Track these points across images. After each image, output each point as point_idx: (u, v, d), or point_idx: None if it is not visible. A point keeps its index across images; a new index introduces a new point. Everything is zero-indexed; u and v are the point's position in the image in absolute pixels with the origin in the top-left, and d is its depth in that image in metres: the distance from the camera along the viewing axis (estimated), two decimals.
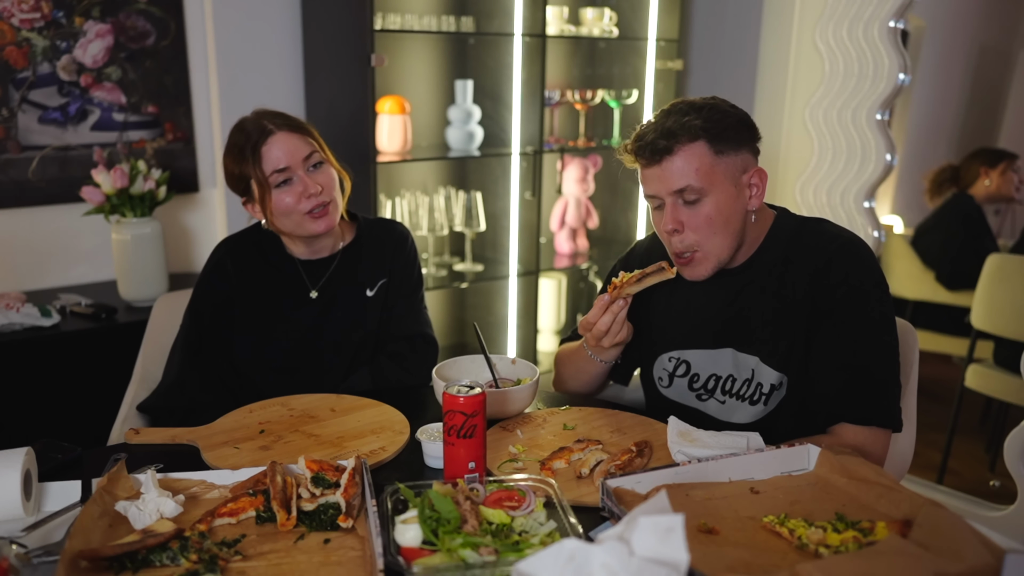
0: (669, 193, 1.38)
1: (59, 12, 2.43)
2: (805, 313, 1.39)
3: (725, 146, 1.36)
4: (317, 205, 1.58)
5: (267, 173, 1.57)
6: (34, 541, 1.03)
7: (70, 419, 2.21)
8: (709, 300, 1.49)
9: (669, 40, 3.09)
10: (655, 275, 1.42)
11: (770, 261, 1.44)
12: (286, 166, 1.56)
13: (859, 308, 1.37)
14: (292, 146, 1.57)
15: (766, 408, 1.44)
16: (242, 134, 1.59)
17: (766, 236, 1.46)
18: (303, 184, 1.57)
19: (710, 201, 1.36)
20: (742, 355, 1.45)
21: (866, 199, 2.92)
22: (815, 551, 0.99)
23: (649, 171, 1.39)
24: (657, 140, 1.36)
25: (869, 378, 1.36)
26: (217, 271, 1.70)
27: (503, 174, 2.93)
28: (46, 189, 2.51)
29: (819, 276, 1.39)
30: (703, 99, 1.40)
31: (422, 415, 1.42)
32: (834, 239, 1.42)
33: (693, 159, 1.35)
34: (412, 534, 0.99)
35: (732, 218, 1.38)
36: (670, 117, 1.37)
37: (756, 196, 1.41)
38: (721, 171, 1.36)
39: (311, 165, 1.59)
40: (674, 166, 1.36)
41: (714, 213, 1.37)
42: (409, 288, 1.74)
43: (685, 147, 1.35)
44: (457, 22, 2.78)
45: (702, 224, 1.37)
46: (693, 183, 1.35)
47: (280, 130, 1.57)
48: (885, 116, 2.84)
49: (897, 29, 2.76)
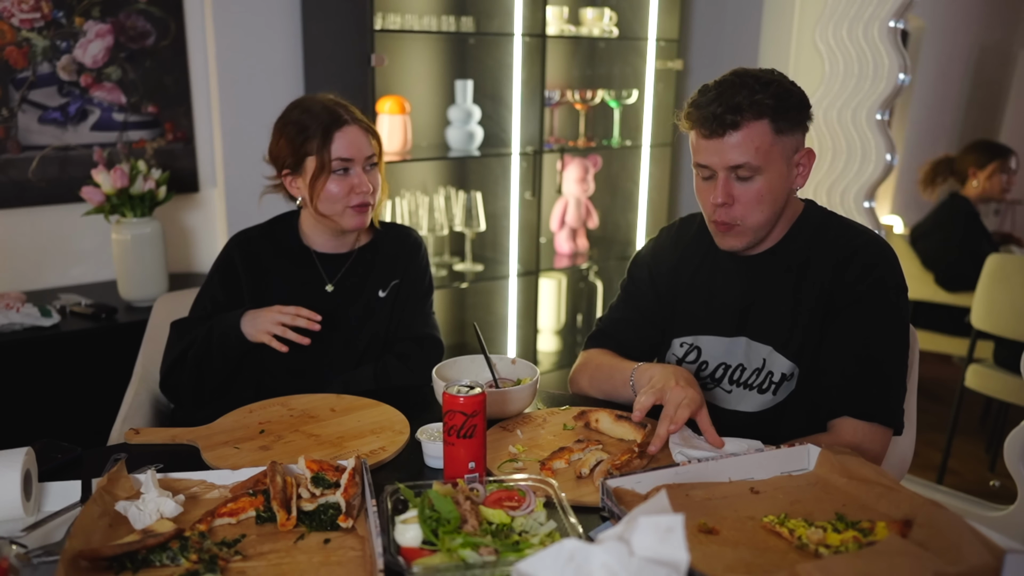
0: (724, 167, 1.36)
1: (59, 12, 2.43)
2: (823, 304, 1.40)
3: (786, 125, 1.35)
4: (363, 203, 1.64)
5: (333, 157, 1.62)
6: (34, 541, 1.03)
7: (70, 419, 2.21)
8: (728, 286, 1.49)
9: (669, 40, 3.09)
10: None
11: (794, 250, 1.45)
12: (351, 157, 1.63)
13: (878, 303, 1.37)
14: (361, 142, 1.64)
15: (775, 398, 1.44)
16: (310, 114, 1.63)
17: (792, 225, 1.46)
18: (358, 179, 1.63)
19: (763, 179, 1.36)
20: (755, 344, 1.46)
21: (866, 199, 2.92)
22: (815, 551, 0.99)
23: (707, 142, 1.36)
24: (724, 114, 1.33)
25: (878, 373, 1.36)
26: (225, 269, 1.72)
27: (503, 174, 2.93)
28: (46, 189, 2.51)
29: (841, 268, 1.39)
30: (764, 72, 1.37)
31: (422, 415, 1.42)
32: (860, 235, 1.43)
33: (755, 137, 1.33)
34: (412, 534, 0.99)
35: (779, 196, 1.39)
36: (739, 91, 1.33)
37: (802, 175, 1.41)
38: (779, 150, 1.35)
39: (369, 164, 1.66)
40: (736, 141, 1.34)
41: (765, 191, 1.36)
42: (420, 293, 1.78)
43: (750, 124, 1.33)
44: (457, 22, 2.78)
45: (752, 200, 1.37)
46: (752, 161, 1.34)
47: (356, 124, 1.65)
48: (885, 116, 2.84)
49: (897, 29, 2.76)
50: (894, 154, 2.85)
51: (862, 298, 1.37)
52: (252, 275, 1.70)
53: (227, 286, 1.70)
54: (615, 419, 1.39)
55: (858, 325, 1.37)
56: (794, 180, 1.40)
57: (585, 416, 1.42)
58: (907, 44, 4.09)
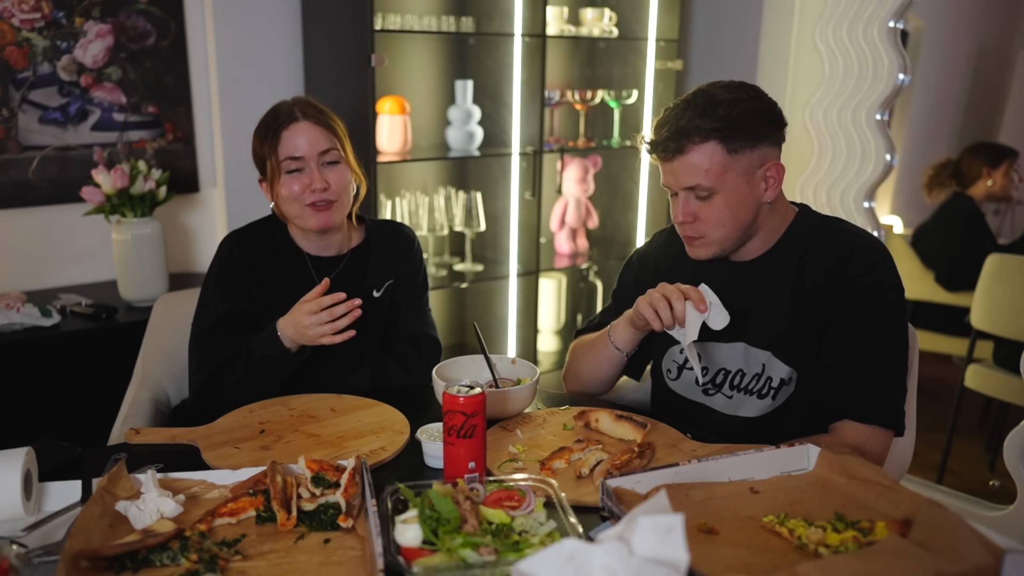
0: (681, 188, 1.40)
1: (59, 12, 2.43)
2: (820, 308, 1.40)
3: (740, 144, 1.35)
4: (320, 200, 1.59)
5: (281, 158, 1.59)
6: (34, 541, 1.03)
7: (70, 419, 2.21)
8: (726, 292, 1.49)
9: (669, 40, 3.09)
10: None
11: (789, 256, 1.45)
12: (300, 155, 1.58)
13: (876, 306, 1.37)
14: (312, 138, 1.59)
15: (774, 403, 1.44)
16: (272, 115, 1.62)
17: (786, 231, 1.46)
18: (311, 177, 1.58)
19: (721, 198, 1.37)
20: (754, 350, 1.46)
21: (866, 199, 2.92)
22: (815, 551, 0.99)
23: (663, 165, 1.42)
24: (668, 140, 1.37)
25: (879, 376, 1.36)
26: (230, 263, 1.67)
27: (503, 174, 2.93)
28: (46, 189, 2.51)
29: (837, 272, 1.39)
30: (728, 89, 1.37)
31: (422, 415, 1.42)
32: (855, 237, 1.43)
33: (704, 159, 1.35)
34: (412, 534, 0.99)
35: (742, 212, 1.39)
36: (685, 114, 1.36)
37: (772, 188, 1.40)
38: (734, 169, 1.36)
39: (325, 161, 1.60)
40: (685, 165, 1.37)
41: (723, 209, 1.38)
42: (415, 290, 1.76)
43: (698, 147, 1.35)
44: (457, 22, 2.78)
45: (712, 218, 1.39)
46: (703, 183, 1.36)
47: (306, 119, 1.59)
48: (885, 116, 2.84)
49: (897, 29, 2.76)
50: (894, 154, 2.85)
51: (860, 301, 1.37)
52: (255, 271, 1.66)
53: (235, 283, 1.64)
54: (615, 419, 1.39)
55: (857, 328, 1.37)
56: (761, 194, 1.40)
57: (585, 416, 1.42)
58: (907, 44, 4.09)
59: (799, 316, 1.42)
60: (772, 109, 1.40)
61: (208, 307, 1.64)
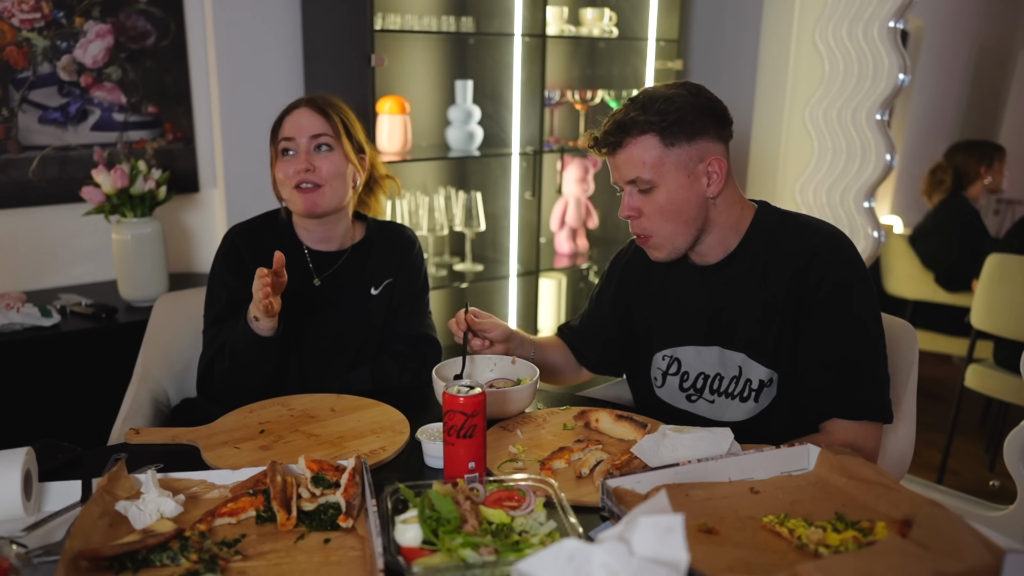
0: (624, 182, 1.43)
1: (59, 12, 2.43)
2: (790, 309, 1.40)
3: (676, 138, 1.38)
4: (304, 181, 1.61)
5: (278, 141, 1.64)
6: (34, 541, 1.03)
7: (70, 419, 2.21)
8: (695, 297, 1.51)
9: (669, 40, 3.09)
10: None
11: (751, 257, 1.45)
12: (292, 137, 1.62)
13: (842, 305, 1.37)
14: (306, 122, 1.63)
15: (758, 405, 1.44)
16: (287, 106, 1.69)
17: (747, 231, 1.46)
18: (300, 160, 1.62)
19: (662, 191, 1.40)
20: (728, 352, 1.46)
21: (866, 199, 2.92)
22: (815, 551, 0.99)
23: (609, 161, 1.46)
24: (607, 135, 1.42)
25: (856, 374, 1.36)
26: (231, 252, 1.69)
27: (503, 174, 2.93)
28: (46, 189, 2.51)
29: (801, 274, 1.39)
30: (670, 87, 1.42)
31: (422, 415, 1.42)
32: (815, 233, 1.42)
33: (642, 152, 1.39)
34: (412, 534, 0.99)
35: (685, 207, 1.41)
36: (624, 111, 1.41)
37: (715, 183, 1.42)
38: (672, 162, 1.39)
39: (316, 145, 1.63)
40: (624, 158, 1.41)
41: (665, 202, 1.40)
42: (415, 291, 1.77)
43: (635, 140, 1.39)
44: (457, 22, 2.78)
45: (655, 212, 1.42)
46: (642, 175, 1.39)
47: (305, 106, 1.65)
48: (885, 116, 2.84)
49: (897, 29, 2.76)
50: (894, 154, 2.85)
51: (827, 301, 1.37)
52: (256, 261, 1.64)
53: (236, 271, 1.65)
54: (615, 419, 1.39)
55: (827, 332, 1.37)
56: (704, 189, 1.41)
57: (585, 416, 1.42)
58: (907, 44, 4.09)
59: (768, 319, 1.42)
60: (713, 105, 1.42)
61: (213, 297, 1.68)
